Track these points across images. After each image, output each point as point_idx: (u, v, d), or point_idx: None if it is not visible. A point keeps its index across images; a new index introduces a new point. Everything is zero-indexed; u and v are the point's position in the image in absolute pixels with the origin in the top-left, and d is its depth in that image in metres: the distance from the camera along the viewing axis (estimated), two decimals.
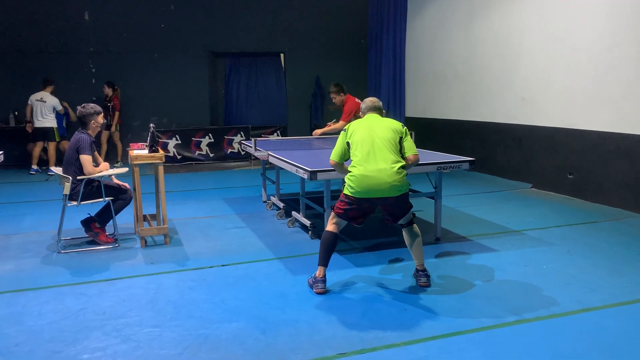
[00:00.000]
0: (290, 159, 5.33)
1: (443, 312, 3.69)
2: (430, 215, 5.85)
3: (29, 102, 9.73)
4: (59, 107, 9.76)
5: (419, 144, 7.22)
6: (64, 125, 10.50)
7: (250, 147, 6.64)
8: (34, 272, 4.59)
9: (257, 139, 6.84)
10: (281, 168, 5.78)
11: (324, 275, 4.07)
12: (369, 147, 4.00)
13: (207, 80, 11.97)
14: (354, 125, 4.19)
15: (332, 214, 4.16)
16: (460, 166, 5.13)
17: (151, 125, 5.58)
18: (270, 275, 4.45)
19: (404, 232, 4.20)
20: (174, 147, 11.00)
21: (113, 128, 10.41)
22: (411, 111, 11.30)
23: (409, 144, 4.12)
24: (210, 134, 11.25)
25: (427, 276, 4.19)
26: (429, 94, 10.64)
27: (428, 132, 10.37)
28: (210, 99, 12.08)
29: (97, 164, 5.26)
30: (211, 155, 11.25)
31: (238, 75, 12.34)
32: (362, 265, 4.68)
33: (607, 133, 6.74)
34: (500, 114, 8.64)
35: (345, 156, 4.19)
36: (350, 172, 4.04)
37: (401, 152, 4.09)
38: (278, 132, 11.66)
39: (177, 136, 11.03)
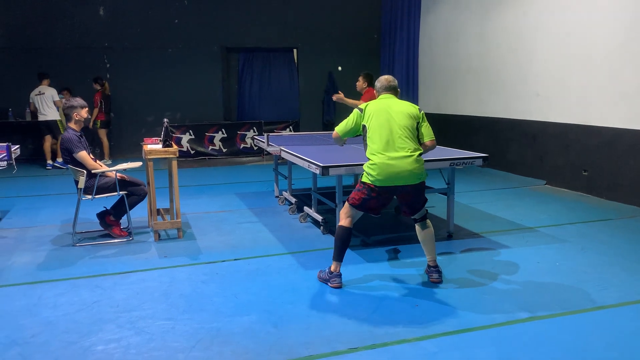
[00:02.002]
0: (303, 154, 5.34)
1: (455, 308, 3.69)
2: (442, 211, 5.83)
3: (30, 99, 9.85)
4: (57, 97, 9.83)
5: None
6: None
7: (263, 142, 6.66)
8: (50, 265, 4.66)
9: (270, 134, 6.86)
10: (293, 163, 5.79)
11: (339, 270, 4.08)
12: (387, 134, 3.95)
13: (220, 75, 12.01)
14: (372, 108, 4.09)
15: (347, 207, 4.08)
16: (473, 162, 5.10)
17: (165, 120, 5.62)
18: (282, 270, 4.47)
19: (417, 227, 4.19)
20: (187, 142, 11.06)
21: (91, 124, 10.02)
22: (424, 107, 11.23)
23: (426, 129, 4.08)
24: (223, 129, 11.30)
25: (439, 272, 4.17)
26: (443, 89, 10.58)
27: (441, 127, 10.28)
28: (223, 95, 12.11)
29: (94, 159, 5.28)
30: (224, 150, 11.30)
31: (251, 71, 12.36)
32: (373, 260, 4.68)
33: (623, 129, 6.66)
34: (514, 109, 8.57)
35: (351, 134, 4.20)
36: (369, 159, 3.99)
37: (418, 137, 4.06)
38: (290, 127, 11.67)
39: (190, 131, 11.09)
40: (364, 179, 4.01)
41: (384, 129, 3.97)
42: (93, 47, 11.11)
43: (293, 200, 6.45)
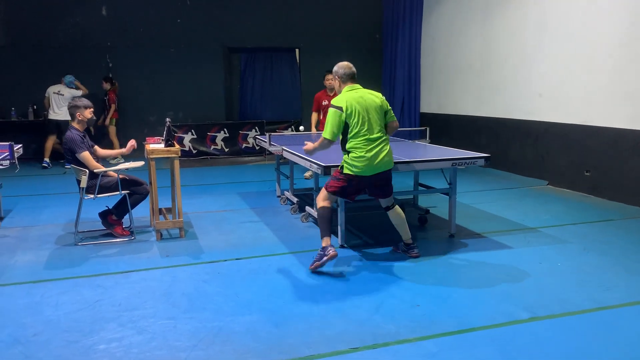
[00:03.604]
0: (304, 154, 5.34)
1: (456, 308, 3.69)
2: (444, 211, 5.82)
3: (47, 93, 9.87)
4: (79, 93, 9.87)
5: (434, 139, 7.23)
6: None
7: (265, 142, 6.67)
8: (52, 264, 4.67)
9: (272, 134, 6.86)
10: (295, 163, 5.80)
11: (330, 242, 4.39)
12: (367, 129, 4.33)
13: (222, 75, 12.02)
14: (350, 104, 4.34)
15: (325, 193, 4.50)
16: (475, 162, 5.10)
17: (167, 119, 5.63)
18: (283, 269, 4.48)
19: (389, 214, 4.65)
20: (189, 141, 11.07)
21: (107, 121, 10.42)
22: (426, 107, 11.25)
23: (390, 114, 4.53)
24: (225, 129, 11.30)
25: (416, 247, 4.65)
26: (445, 89, 10.57)
27: (443, 127, 10.31)
28: (225, 94, 12.12)
29: (96, 158, 5.30)
30: (226, 149, 11.30)
31: (253, 71, 12.37)
32: (375, 260, 4.68)
33: (625, 130, 6.64)
34: (517, 110, 8.56)
35: (339, 134, 4.42)
36: (352, 152, 4.34)
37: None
38: (292, 127, 11.67)
39: (192, 131, 11.10)
40: (346, 170, 4.39)
41: (364, 124, 4.33)
42: (95, 46, 11.13)
43: (295, 200, 6.46)
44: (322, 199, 4.51)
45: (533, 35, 8.09)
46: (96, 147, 5.56)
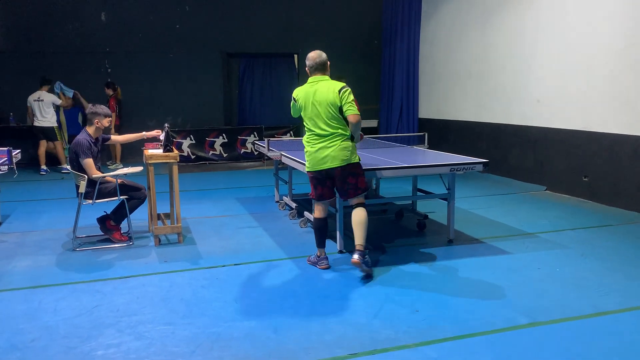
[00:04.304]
0: (303, 159, 5.33)
1: (455, 313, 3.68)
2: (443, 216, 5.83)
3: (28, 103, 9.83)
4: (58, 102, 9.86)
5: (433, 145, 7.24)
6: (80, 121, 10.63)
7: (264, 147, 6.67)
8: (50, 269, 4.66)
9: (270, 139, 6.87)
10: (294, 168, 5.80)
11: (325, 254, 4.58)
12: (314, 124, 4.36)
13: (221, 80, 12.04)
14: (301, 98, 4.43)
15: (314, 202, 4.60)
16: (473, 168, 5.10)
17: (166, 125, 5.63)
18: (282, 275, 4.47)
19: (354, 212, 4.42)
20: (188, 146, 11.07)
21: (112, 131, 10.33)
22: (425, 112, 11.27)
23: (348, 106, 4.24)
24: (224, 134, 11.31)
25: (362, 255, 4.27)
26: (443, 95, 10.60)
27: (442, 133, 10.33)
28: (224, 100, 12.13)
29: (98, 166, 5.29)
30: (225, 155, 11.30)
31: (252, 76, 12.39)
32: (374, 266, 4.67)
33: (623, 135, 6.66)
34: (515, 115, 8.58)
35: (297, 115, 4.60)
36: (304, 148, 4.49)
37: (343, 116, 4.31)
38: (291, 132, 11.68)
39: (191, 136, 11.10)
40: (305, 168, 4.54)
41: (311, 119, 4.37)
42: (94, 52, 11.14)
43: (293, 205, 6.45)
44: (315, 210, 4.62)
45: (531, 42, 8.12)
46: (113, 136, 5.84)
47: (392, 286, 4.20)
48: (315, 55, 4.45)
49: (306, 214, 5.94)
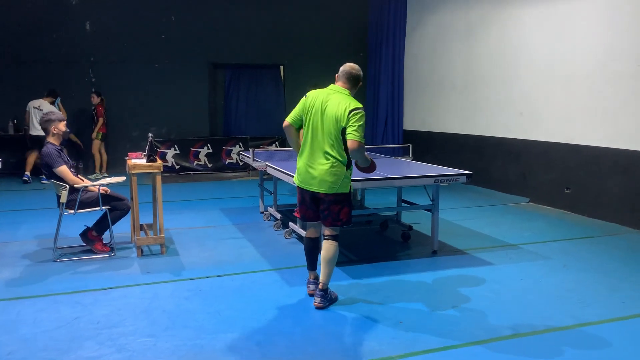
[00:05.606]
0: (288, 169, 5.34)
1: (439, 325, 3.68)
2: (427, 228, 5.85)
3: (27, 108, 9.75)
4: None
5: (417, 156, 7.29)
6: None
7: (249, 157, 6.66)
8: (30, 280, 4.57)
9: (256, 149, 6.86)
10: (279, 179, 5.79)
11: (315, 278, 4.20)
12: (312, 138, 3.92)
13: (206, 91, 12.01)
14: (311, 101, 4.00)
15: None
16: (457, 179, 5.14)
17: (149, 135, 5.59)
18: (266, 286, 4.44)
19: (322, 244, 4.04)
20: (172, 157, 11.00)
21: (93, 135, 10.36)
22: (409, 124, 11.34)
23: (352, 129, 3.77)
24: (209, 145, 11.27)
25: (323, 297, 3.98)
26: (428, 107, 10.69)
27: (426, 144, 10.40)
28: (209, 110, 12.10)
29: (75, 174, 5.22)
30: (209, 165, 11.26)
31: (237, 87, 12.38)
32: (358, 277, 4.67)
33: (604, 148, 6.77)
34: (498, 127, 8.67)
35: (298, 124, 4.05)
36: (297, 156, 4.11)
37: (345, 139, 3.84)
38: (276, 143, 11.67)
39: (175, 146, 11.04)
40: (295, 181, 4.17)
41: (310, 129, 3.93)
42: (79, 61, 11.05)
43: (278, 216, 6.44)
44: (307, 229, 4.26)
45: (514, 54, 8.24)
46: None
47: (375, 297, 4.19)
48: (348, 66, 4.04)
49: (291, 224, 5.92)
